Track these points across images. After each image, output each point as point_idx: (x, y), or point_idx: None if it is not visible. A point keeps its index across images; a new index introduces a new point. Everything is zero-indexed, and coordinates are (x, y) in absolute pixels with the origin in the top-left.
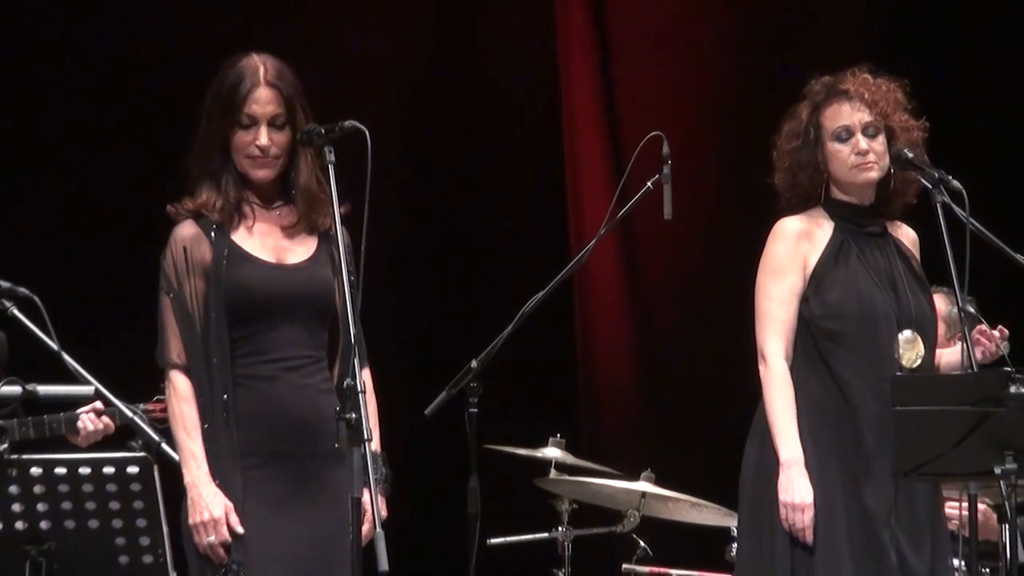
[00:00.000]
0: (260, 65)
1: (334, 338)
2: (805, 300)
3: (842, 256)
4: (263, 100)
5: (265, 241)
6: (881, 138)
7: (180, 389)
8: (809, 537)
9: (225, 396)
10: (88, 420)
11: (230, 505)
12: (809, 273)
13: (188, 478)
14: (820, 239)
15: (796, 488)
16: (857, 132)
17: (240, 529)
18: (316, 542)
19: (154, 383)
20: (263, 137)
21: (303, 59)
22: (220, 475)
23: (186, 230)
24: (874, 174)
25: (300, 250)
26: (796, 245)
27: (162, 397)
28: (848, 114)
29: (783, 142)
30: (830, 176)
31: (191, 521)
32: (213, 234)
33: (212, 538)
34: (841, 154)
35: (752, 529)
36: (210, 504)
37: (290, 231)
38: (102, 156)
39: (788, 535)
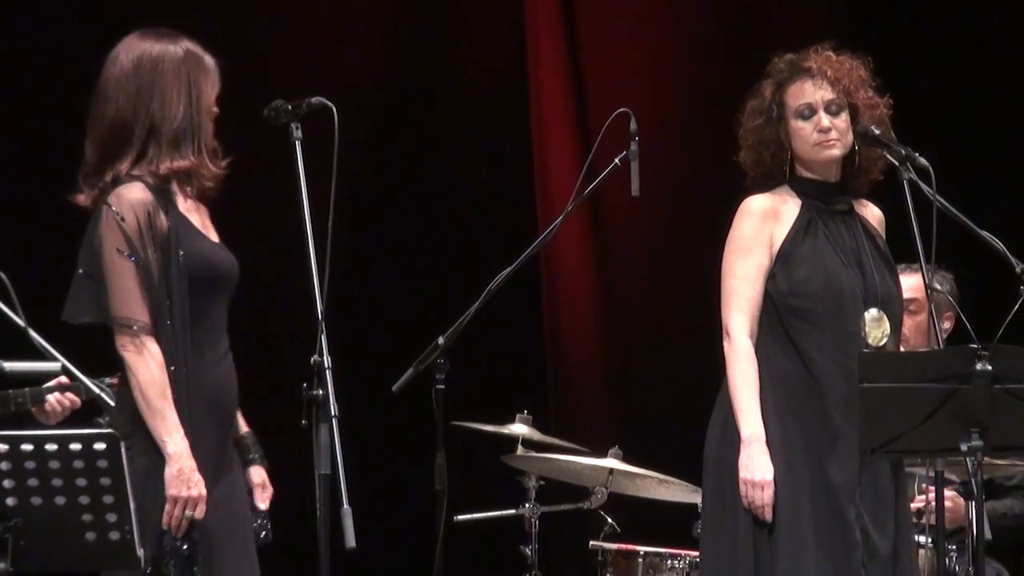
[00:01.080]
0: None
1: None
2: (771, 277)
3: (809, 233)
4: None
5: (195, 217)
6: (844, 115)
7: (156, 355)
8: (768, 515)
9: (185, 369)
10: (55, 401)
11: None
12: (776, 251)
13: (173, 448)
14: (787, 217)
15: (756, 465)
16: (820, 110)
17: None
18: (239, 519)
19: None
20: (215, 106)
21: (267, 36)
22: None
23: (141, 194)
24: (836, 151)
25: (212, 230)
26: (762, 223)
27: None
28: (811, 92)
29: (747, 120)
30: (794, 154)
31: (176, 492)
32: (166, 203)
33: (192, 513)
34: (803, 132)
35: (715, 505)
36: (198, 481)
37: (200, 210)
38: (64, 130)
39: (750, 512)
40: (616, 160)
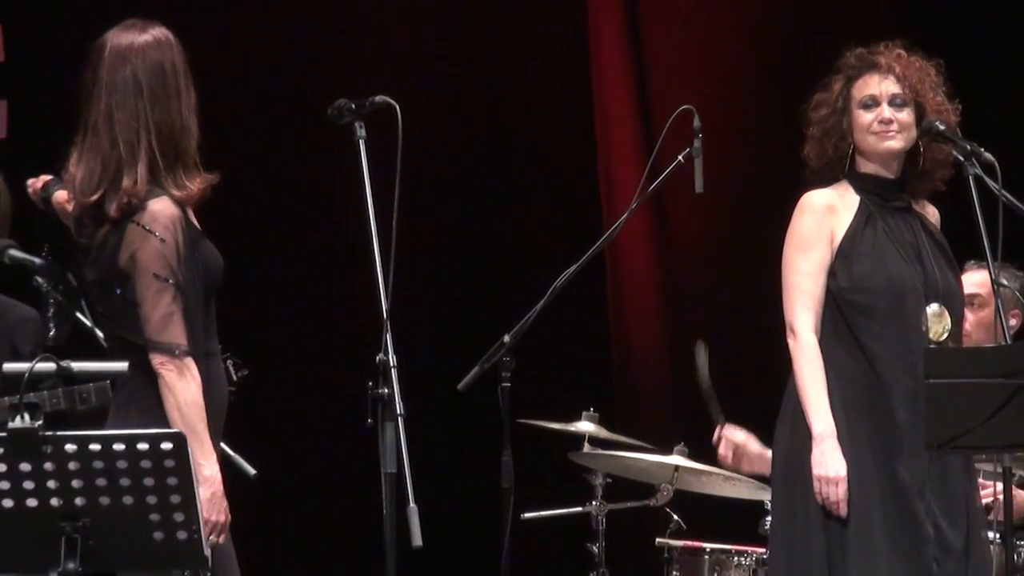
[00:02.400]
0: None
1: None
2: (832, 274)
3: (868, 229)
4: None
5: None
6: (908, 111)
7: (196, 376)
8: (843, 511)
9: (203, 384)
10: None
11: None
12: (836, 246)
13: (209, 471)
14: (846, 212)
15: (830, 462)
16: (883, 101)
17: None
18: (229, 539)
19: None
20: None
21: (331, 35)
22: None
23: (174, 210)
24: (895, 144)
25: None
26: (822, 218)
27: None
28: (876, 84)
29: (813, 112)
30: (855, 146)
31: (207, 516)
32: (185, 213)
33: (217, 539)
34: (864, 120)
35: (785, 503)
36: (226, 507)
37: None
38: None
39: (821, 508)
40: (679, 157)
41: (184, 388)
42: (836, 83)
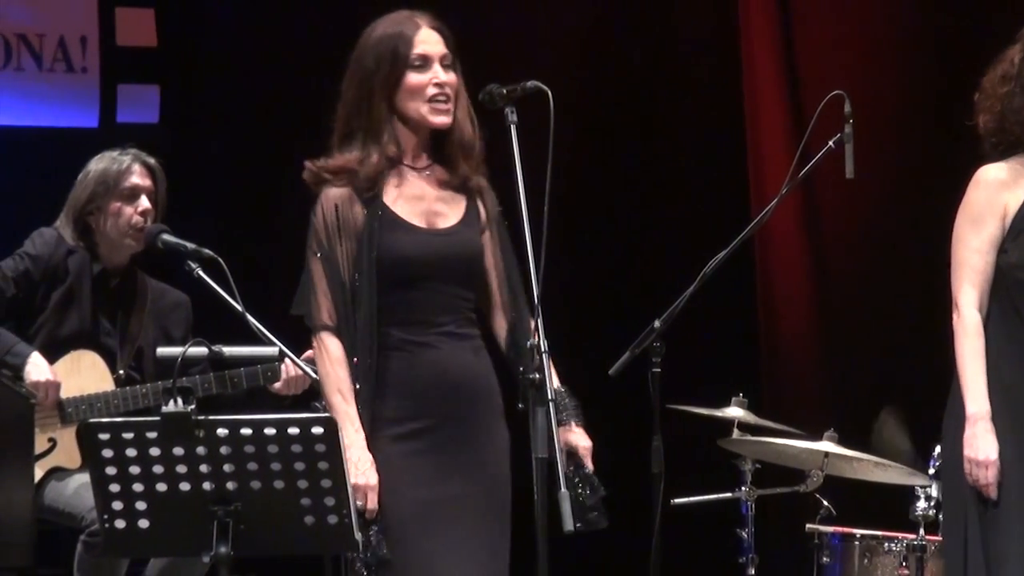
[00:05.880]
0: (413, 13)
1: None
2: (1003, 250)
3: None
4: (432, 40)
5: (416, 206)
6: None
7: (333, 351)
8: (993, 494)
9: (369, 361)
10: (289, 365)
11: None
12: (1008, 222)
13: (346, 440)
14: (1021, 187)
15: (980, 444)
16: None
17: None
18: (471, 513)
19: None
20: (442, 73)
21: (480, 21)
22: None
23: (338, 189)
24: None
25: (451, 213)
26: (996, 193)
27: None
28: None
29: (995, 86)
30: None
31: (353, 481)
32: (365, 196)
33: (361, 504)
34: None
35: (954, 492)
36: (368, 470)
37: (440, 193)
38: (286, 123)
39: (974, 492)
40: (830, 143)
41: (320, 362)
42: (1016, 55)
